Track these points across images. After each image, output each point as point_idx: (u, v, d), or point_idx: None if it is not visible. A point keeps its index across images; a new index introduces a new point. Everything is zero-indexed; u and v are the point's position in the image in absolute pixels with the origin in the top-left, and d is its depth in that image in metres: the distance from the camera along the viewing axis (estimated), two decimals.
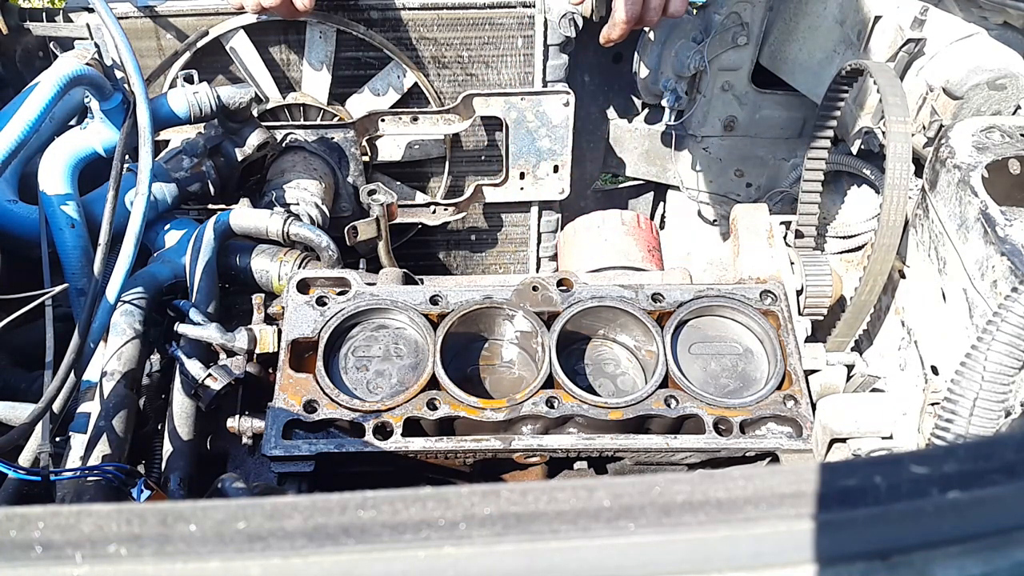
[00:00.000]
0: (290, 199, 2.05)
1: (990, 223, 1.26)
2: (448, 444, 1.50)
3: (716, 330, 1.67)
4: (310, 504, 0.63)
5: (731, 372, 1.62)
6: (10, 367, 1.69)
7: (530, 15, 2.21)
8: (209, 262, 1.75)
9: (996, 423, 1.07)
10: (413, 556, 0.61)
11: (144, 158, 1.61)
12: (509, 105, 2.28)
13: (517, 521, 0.63)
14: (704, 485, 0.64)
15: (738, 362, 1.63)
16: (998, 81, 1.61)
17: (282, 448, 1.47)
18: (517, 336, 1.68)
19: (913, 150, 1.55)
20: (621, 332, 1.69)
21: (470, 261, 2.77)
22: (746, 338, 1.65)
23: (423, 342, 1.61)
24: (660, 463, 1.64)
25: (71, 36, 2.14)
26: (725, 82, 2.50)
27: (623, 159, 2.81)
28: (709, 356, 1.64)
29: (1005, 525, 0.65)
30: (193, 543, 0.61)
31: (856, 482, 0.64)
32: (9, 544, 0.61)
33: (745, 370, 1.62)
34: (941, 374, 1.42)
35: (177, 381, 1.61)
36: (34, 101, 1.52)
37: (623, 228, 2.24)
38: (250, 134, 2.01)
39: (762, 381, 1.59)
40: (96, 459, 1.44)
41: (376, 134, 2.29)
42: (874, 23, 1.89)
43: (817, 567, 0.63)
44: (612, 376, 1.66)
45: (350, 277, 1.69)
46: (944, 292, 1.41)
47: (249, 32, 2.19)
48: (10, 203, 1.74)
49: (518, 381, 1.64)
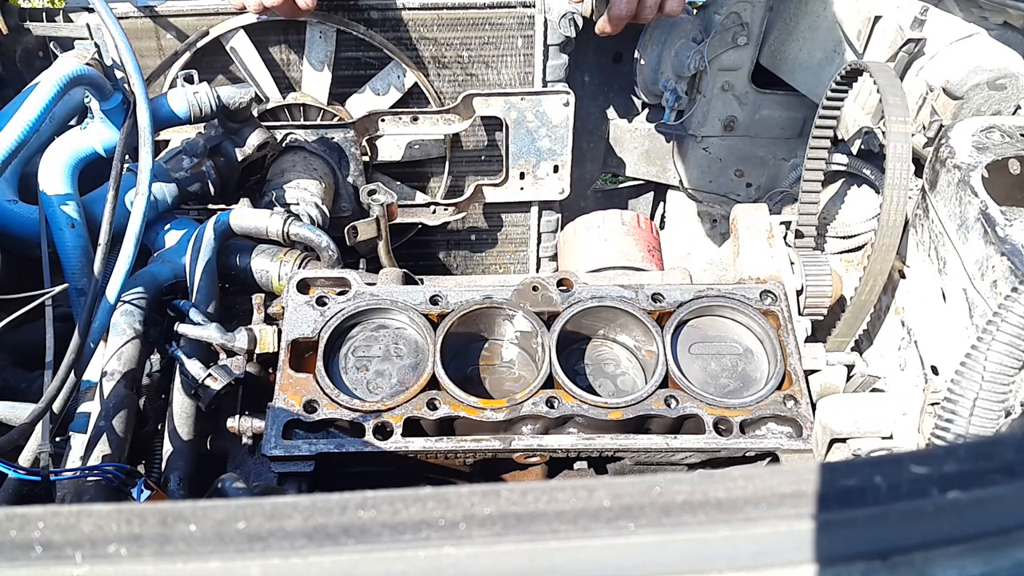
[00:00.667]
0: (290, 199, 2.05)
1: (990, 223, 1.26)
2: (448, 444, 1.50)
3: (716, 330, 1.67)
4: (310, 504, 0.63)
5: (731, 372, 1.62)
6: (10, 367, 1.69)
7: (530, 15, 2.21)
8: (209, 262, 1.75)
9: (996, 423, 1.07)
10: (413, 556, 0.61)
11: (144, 158, 1.61)
12: (509, 105, 2.28)
13: (517, 521, 0.63)
14: (704, 485, 0.64)
15: (738, 362, 1.63)
16: (998, 81, 1.61)
17: (282, 448, 1.47)
18: (517, 336, 1.68)
19: (913, 150, 1.55)
20: (621, 332, 1.69)
21: (470, 261, 2.77)
22: (746, 338, 1.65)
23: (423, 342, 1.61)
24: (660, 463, 1.64)
25: (71, 36, 2.14)
26: (725, 82, 2.50)
27: (623, 159, 2.82)
28: (709, 356, 1.64)
29: (1005, 525, 0.65)
30: (193, 543, 0.61)
31: (856, 482, 0.64)
32: (9, 544, 0.61)
33: (745, 370, 1.62)
34: (941, 374, 1.42)
35: (177, 381, 1.61)
36: (34, 101, 1.52)
37: (623, 228, 2.24)
38: (250, 134, 2.01)
39: (762, 381, 1.59)
40: (96, 459, 1.44)
41: (376, 134, 2.29)
42: (874, 23, 1.89)
43: (817, 567, 0.63)
44: (612, 376, 1.66)
45: (350, 277, 1.69)
46: (944, 292, 1.41)
47: (249, 32, 2.19)
48: (10, 203, 1.74)
49: (518, 381, 1.64)
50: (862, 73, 1.61)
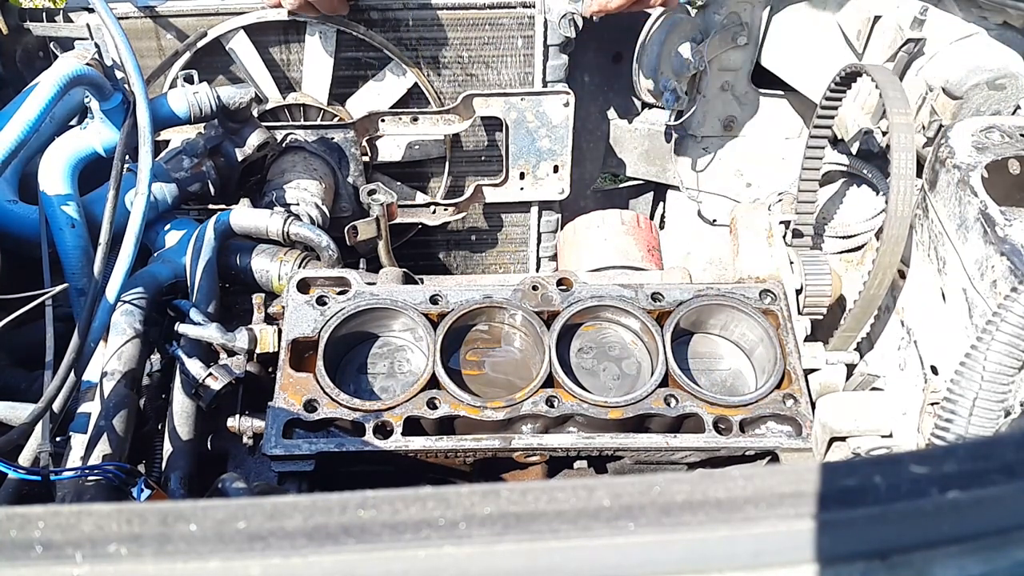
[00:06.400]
0: (290, 199, 2.05)
1: (990, 223, 1.26)
2: (448, 443, 1.50)
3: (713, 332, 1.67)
4: (310, 504, 0.63)
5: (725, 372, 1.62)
6: (10, 367, 1.69)
7: (530, 15, 2.21)
8: (209, 262, 1.75)
9: (996, 423, 1.07)
10: (413, 556, 0.61)
11: (144, 158, 1.61)
12: (509, 105, 2.28)
13: (517, 521, 0.63)
14: (704, 485, 0.64)
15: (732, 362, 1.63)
16: (998, 81, 1.61)
17: (282, 447, 1.47)
18: (517, 335, 1.68)
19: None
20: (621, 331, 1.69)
21: (470, 261, 2.77)
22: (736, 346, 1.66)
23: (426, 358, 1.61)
24: (660, 462, 1.64)
25: (71, 36, 2.14)
26: (725, 82, 2.49)
27: (623, 159, 2.81)
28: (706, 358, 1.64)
29: (1005, 525, 0.65)
30: (193, 543, 0.61)
31: (856, 482, 0.64)
32: (9, 544, 0.61)
33: (740, 369, 1.62)
34: (941, 374, 1.42)
35: (177, 381, 1.61)
36: (34, 101, 1.52)
37: (623, 228, 2.24)
38: (250, 134, 2.01)
39: (762, 380, 1.59)
40: (96, 459, 1.44)
41: (376, 134, 2.29)
42: (874, 23, 1.89)
43: (817, 567, 0.63)
44: (617, 359, 1.65)
45: (350, 277, 1.69)
46: (944, 292, 1.41)
47: (249, 32, 2.19)
48: (10, 203, 1.73)
49: (518, 380, 1.64)
50: (860, 75, 1.61)
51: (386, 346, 1.68)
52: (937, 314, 1.43)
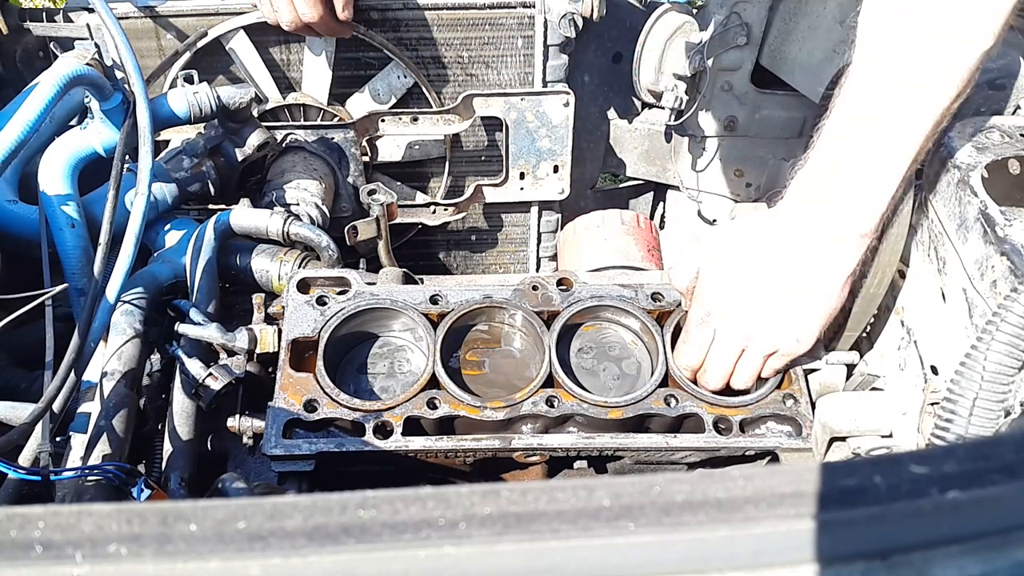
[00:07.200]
0: (290, 199, 2.05)
1: (990, 223, 1.26)
2: (448, 443, 1.50)
3: None
4: (310, 504, 0.63)
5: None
6: (10, 367, 1.69)
7: (530, 15, 2.21)
8: (209, 262, 1.75)
9: (996, 423, 1.07)
10: (413, 556, 0.62)
11: (144, 158, 1.61)
12: (509, 105, 2.28)
13: (517, 521, 0.63)
14: (704, 485, 0.65)
15: None
16: (998, 81, 1.61)
17: (282, 447, 1.47)
18: (517, 335, 1.68)
19: None
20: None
21: (470, 261, 2.77)
22: None
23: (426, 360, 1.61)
24: (660, 462, 1.64)
25: (71, 36, 2.14)
26: (725, 82, 2.49)
27: (623, 159, 2.81)
28: None
29: (1005, 525, 0.65)
30: (193, 543, 0.61)
31: (856, 482, 0.65)
32: (9, 544, 0.61)
33: None
34: (941, 374, 1.41)
35: (177, 381, 1.61)
36: (34, 101, 1.52)
37: (623, 228, 2.24)
38: (250, 134, 2.01)
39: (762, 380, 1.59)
40: (96, 459, 1.44)
41: (376, 134, 2.29)
42: None
43: (817, 567, 0.63)
44: (617, 359, 1.65)
45: (350, 277, 1.69)
46: (944, 292, 1.41)
47: (249, 32, 2.19)
48: (10, 203, 1.74)
49: (519, 380, 1.64)
50: None
51: (386, 346, 1.68)
52: (937, 314, 1.43)
